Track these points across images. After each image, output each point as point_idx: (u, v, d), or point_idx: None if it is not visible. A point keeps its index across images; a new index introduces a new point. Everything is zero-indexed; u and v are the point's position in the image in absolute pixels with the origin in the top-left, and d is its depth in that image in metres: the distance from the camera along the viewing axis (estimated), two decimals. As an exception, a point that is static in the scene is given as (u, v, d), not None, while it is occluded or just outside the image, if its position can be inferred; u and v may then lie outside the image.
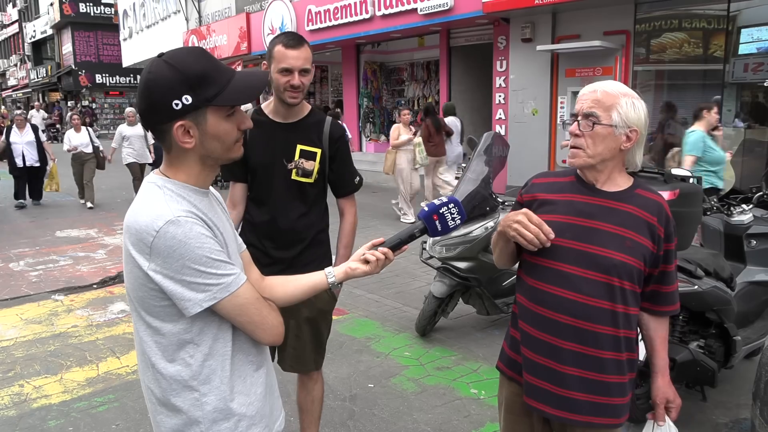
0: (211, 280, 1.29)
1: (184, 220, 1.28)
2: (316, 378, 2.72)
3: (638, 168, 1.80)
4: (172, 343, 1.35)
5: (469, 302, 4.56)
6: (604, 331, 1.71)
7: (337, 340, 4.48)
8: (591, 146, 1.71)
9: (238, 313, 1.35)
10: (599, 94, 1.70)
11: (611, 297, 1.70)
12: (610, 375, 1.74)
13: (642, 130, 1.71)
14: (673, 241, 1.77)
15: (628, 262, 1.70)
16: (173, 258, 1.26)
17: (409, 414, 3.44)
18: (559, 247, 1.74)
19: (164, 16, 21.62)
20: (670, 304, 1.82)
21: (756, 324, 3.57)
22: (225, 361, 1.39)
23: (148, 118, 1.33)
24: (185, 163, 1.37)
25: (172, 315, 1.33)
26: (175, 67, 1.29)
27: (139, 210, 1.31)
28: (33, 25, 38.49)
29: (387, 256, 1.55)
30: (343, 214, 2.66)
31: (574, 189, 1.80)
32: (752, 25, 8.41)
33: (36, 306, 5.47)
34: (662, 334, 1.86)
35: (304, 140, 2.45)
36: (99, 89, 32.85)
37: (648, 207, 1.74)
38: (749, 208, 3.69)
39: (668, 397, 1.87)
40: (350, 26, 13.19)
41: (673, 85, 9.71)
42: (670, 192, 2.79)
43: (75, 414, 3.51)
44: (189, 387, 1.37)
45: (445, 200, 1.65)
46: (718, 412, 3.40)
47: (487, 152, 4.55)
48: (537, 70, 10.41)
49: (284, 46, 2.32)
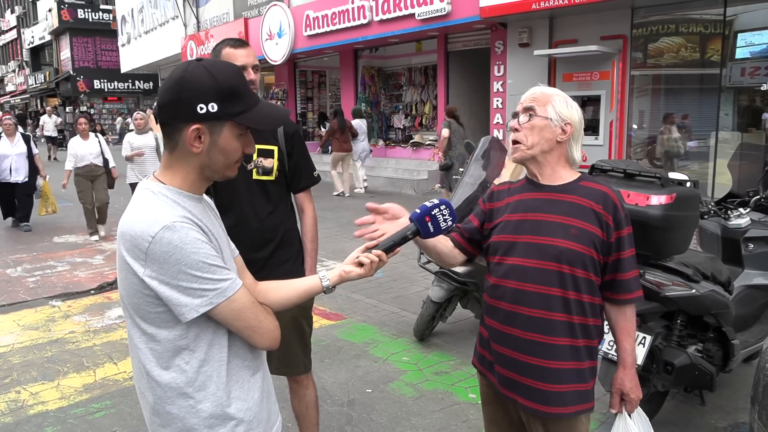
0: (207, 285, 1.29)
1: (180, 226, 1.28)
2: (306, 383, 2.71)
3: (577, 165, 1.91)
4: (167, 349, 1.35)
5: (467, 307, 4.56)
6: (558, 318, 1.79)
7: (335, 345, 4.47)
8: (529, 137, 1.85)
9: (235, 318, 1.35)
10: (537, 93, 1.89)
11: (562, 284, 1.79)
12: (567, 361, 1.81)
13: (576, 125, 1.85)
14: (625, 228, 1.82)
15: (576, 248, 1.78)
16: (169, 263, 1.26)
17: (408, 419, 3.43)
18: (514, 243, 1.87)
19: (162, 22, 21.64)
20: (627, 291, 1.84)
21: (754, 328, 3.57)
22: (221, 366, 1.38)
23: (168, 112, 1.33)
24: (184, 166, 1.37)
25: (168, 321, 1.33)
26: (213, 75, 1.31)
27: (134, 216, 1.31)
28: (31, 30, 38.51)
29: (381, 258, 1.56)
30: (303, 210, 2.69)
31: (524, 188, 1.94)
32: (749, 30, 8.45)
33: (33, 312, 5.45)
34: (623, 325, 1.89)
35: (260, 139, 2.48)
36: (97, 95, 32.85)
37: (592, 196, 1.82)
38: (746, 212, 3.69)
39: (623, 388, 1.90)
40: (348, 31, 13.22)
41: (669, 89, 9.75)
42: (667, 196, 2.79)
43: (72, 420, 3.49)
44: (184, 394, 1.36)
45: (436, 202, 1.68)
46: (716, 416, 3.39)
47: (485, 157, 4.55)
48: (534, 75, 10.43)
49: (232, 47, 2.42)
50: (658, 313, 3.13)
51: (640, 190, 2.86)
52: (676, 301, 3.00)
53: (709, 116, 9.02)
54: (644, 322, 3.07)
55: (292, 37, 14.42)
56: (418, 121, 14.90)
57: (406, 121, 15.31)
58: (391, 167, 14.16)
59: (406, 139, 15.00)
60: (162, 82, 1.38)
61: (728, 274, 3.29)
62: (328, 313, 5.19)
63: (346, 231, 8.40)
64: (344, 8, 13.03)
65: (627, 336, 1.88)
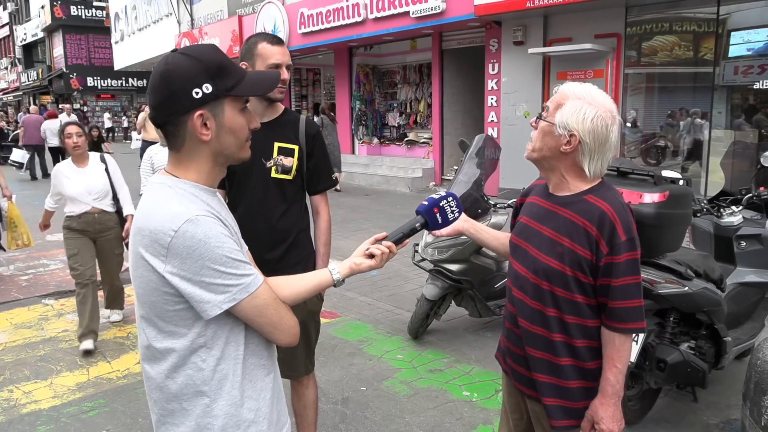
0: (230, 281, 1.25)
1: (204, 219, 1.24)
2: (307, 383, 2.70)
3: (595, 180, 1.74)
4: (184, 347, 1.31)
5: (461, 305, 4.57)
6: (537, 332, 1.80)
7: (330, 343, 4.47)
8: (535, 139, 1.76)
9: (257, 314, 1.31)
10: (561, 91, 1.74)
11: (541, 299, 1.76)
12: (548, 376, 1.80)
13: (584, 138, 1.65)
14: (624, 254, 1.65)
15: (557, 267, 1.70)
16: (192, 258, 1.22)
17: (402, 417, 3.43)
18: (517, 247, 1.86)
19: (156, 19, 21.54)
20: (615, 320, 1.70)
21: (746, 325, 3.59)
22: (237, 364, 1.35)
23: (166, 109, 1.28)
24: (196, 159, 1.33)
25: (187, 319, 1.29)
26: (195, 57, 1.28)
27: (152, 211, 1.26)
28: (24, 27, 38.28)
29: (391, 249, 1.56)
30: (318, 212, 2.68)
31: (540, 191, 1.87)
32: (742, 28, 8.49)
33: (26, 310, 5.42)
34: (609, 352, 1.72)
35: (282, 137, 2.48)
36: (90, 92, 32.72)
37: (588, 214, 1.68)
38: (739, 210, 3.71)
39: (595, 416, 1.74)
40: (343, 29, 13.19)
41: (663, 87, 9.78)
42: (660, 194, 2.81)
43: (65, 419, 3.48)
44: (200, 392, 1.33)
45: (443, 194, 1.71)
46: (708, 413, 3.41)
47: (479, 155, 4.56)
48: (529, 73, 10.44)
49: (269, 44, 2.38)
50: (651, 310, 3.15)
51: (633, 188, 2.87)
52: (669, 299, 3.02)
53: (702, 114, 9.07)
54: (637, 319, 3.08)
55: (286, 34, 14.37)
56: (413, 119, 14.89)
57: (400, 119, 15.29)
58: (385, 165, 14.16)
59: (401, 137, 14.99)
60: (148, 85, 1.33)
61: (720, 272, 3.31)
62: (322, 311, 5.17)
63: (341, 228, 8.39)
64: (339, 6, 13.00)
65: (612, 365, 1.71)
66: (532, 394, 1.86)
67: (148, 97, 1.32)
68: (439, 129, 13.13)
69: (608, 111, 1.67)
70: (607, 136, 1.67)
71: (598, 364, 1.76)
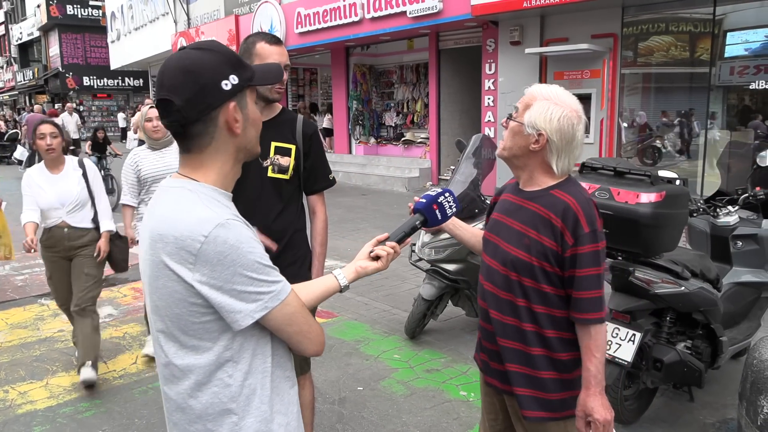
0: (262, 288, 1.19)
1: (234, 223, 1.18)
2: (303, 383, 2.69)
3: (562, 177, 1.79)
4: (209, 362, 1.22)
5: (458, 304, 4.57)
6: (508, 322, 1.83)
7: (327, 342, 4.43)
8: (506, 138, 1.83)
9: (288, 323, 1.24)
10: (529, 92, 1.79)
11: (511, 290, 1.81)
12: (520, 365, 1.83)
13: (552, 137, 1.72)
14: (587, 245, 1.70)
15: (524, 258, 1.76)
16: (224, 265, 1.15)
17: (399, 417, 3.43)
18: (488, 242, 1.91)
19: (152, 18, 21.50)
20: (579, 311, 1.74)
21: (742, 325, 3.60)
22: (265, 378, 1.27)
23: (198, 105, 1.20)
24: (220, 159, 1.27)
25: (213, 332, 1.21)
26: (213, 51, 1.23)
27: (177, 215, 1.18)
28: (20, 27, 38.16)
29: (395, 249, 1.55)
30: (315, 212, 2.67)
31: (511, 189, 1.93)
32: (738, 29, 8.51)
33: (22, 310, 5.41)
34: (586, 343, 1.75)
35: (278, 137, 2.47)
36: (87, 92, 32.63)
37: (554, 207, 1.74)
38: (735, 210, 3.72)
39: (586, 409, 1.75)
40: (340, 29, 13.18)
41: (660, 87, 9.80)
42: (657, 194, 2.81)
43: (61, 420, 3.47)
44: (227, 410, 1.24)
45: (439, 190, 1.74)
46: (705, 413, 3.42)
47: (476, 154, 4.56)
48: (525, 73, 10.45)
49: (268, 43, 2.37)
50: (647, 310, 3.15)
51: (630, 188, 2.87)
52: (666, 299, 3.02)
53: (698, 114, 9.09)
54: (634, 319, 3.09)
55: (283, 34, 14.35)
56: (410, 119, 14.89)
57: (397, 119, 15.30)
58: (382, 165, 14.16)
59: (398, 137, 15.00)
60: (161, 84, 1.23)
61: (717, 272, 3.31)
62: (319, 310, 5.18)
63: (338, 228, 8.39)
64: (335, 5, 13.00)
65: (590, 356, 1.74)
66: (507, 389, 1.88)
67: (168, 97, 1.21)
68: (436, 129, 13.13)
69: (574, 111, 1.74)
70: (573, 134, 1.74)
71: (571, 356, 1.80)
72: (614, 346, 3.01)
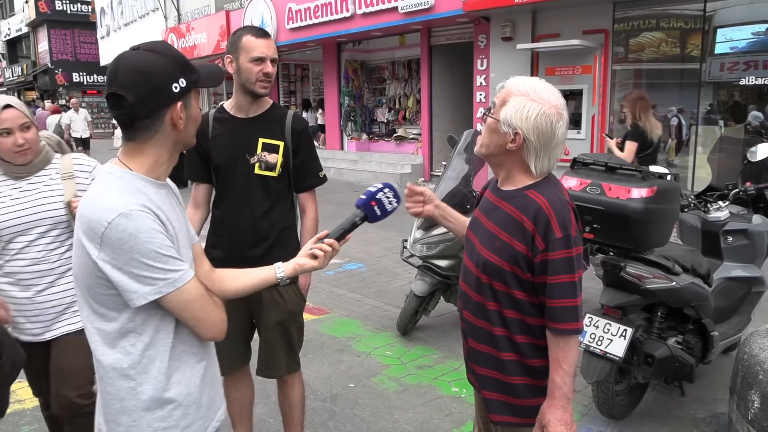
0: (158, 275, 1.32)
1: (137, 214, 1.30)
2: (292, 383, 2.67)
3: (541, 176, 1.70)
4: (115, 330, 1.38)
5: (450, 300, 4.56)
6: (479, 325, 1.78)
7: (318, 339, 4.45)
8: (483, 135, 1.75)
9: (182, 309, 1.39)
10: (507, 87, 1.68)
11: (481, 292, 1.75)
12: (490, 369, 1.78)
13: (528, 136, 1.61)
14: (559, 251, 1.60)
15: (494, 261, 1.69)
16: (122, 250, 1.29)
17: (390, 413, 3.42)
18: (468, 240, 1.86)
19: (142, 14, 21.36)
20: (550, 319, 1.65)
21: (733, 319, 3.62)
22: (165, 352, 1.41)
23: (149, 104, 1.35)
24: (158, 150, 1.41)
25: (118, 304, 1.36)
26: (165, 54, 1.37)
27: (94, 200, 1.35)
28: (8, 22, 37.78)
29: (333, 247, 1.63)
30: (305, 210, 2.62)
31: (492, 185, 1.86)
32: (728, 25, 8.54)
33: (10, 308, 5.35)
34: (554, 354, 1.66)
35: (266, 133, 2.43)
36: (76, 88, 32.31)
37: (526, 209, 1.64)
38: (725, 205, 3.73)
39: (543, 419, 1.67)
40: (331, 24, 13.13)
41: (650, 84, 9.82)
42: (648, 189, 2.81)
43: (49, 418, 3.43)
44: (126, 376, 1.39)
45: (380, 186, 1.73)
46: (696, 407, 3.43)
47: (468, 150, 4.55)
48: (517, 69, 10.44)
49: (254, 36, 2.35)
50: (639, 305, 3.16)
51: (621, 184, 2.88)
52: (657, 294, 3.03)
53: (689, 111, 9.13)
54: (625, 314, 3.10)
55: (274, 30, 14.29)
56: (402, 115, 14.87)
57: (389, 114, 15.26)
58: (374, 161, 14.13)
59: (390, 132, 14.98)
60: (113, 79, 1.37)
61: (708, 267, 3.33)
62: (310, 307, 5.16)
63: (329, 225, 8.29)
64: (327, 1, 12.94)
65: (557, 367, 1.64)
66: (479, 389, 1.86)
67: (121, 93, 1.33)
68: (428, 125, 13.12)
69: (553, 107, 1.62)
70: (552, 133, 1.62)
71: (544, 363, 1.71)
72: (606, 342, 3.01)
